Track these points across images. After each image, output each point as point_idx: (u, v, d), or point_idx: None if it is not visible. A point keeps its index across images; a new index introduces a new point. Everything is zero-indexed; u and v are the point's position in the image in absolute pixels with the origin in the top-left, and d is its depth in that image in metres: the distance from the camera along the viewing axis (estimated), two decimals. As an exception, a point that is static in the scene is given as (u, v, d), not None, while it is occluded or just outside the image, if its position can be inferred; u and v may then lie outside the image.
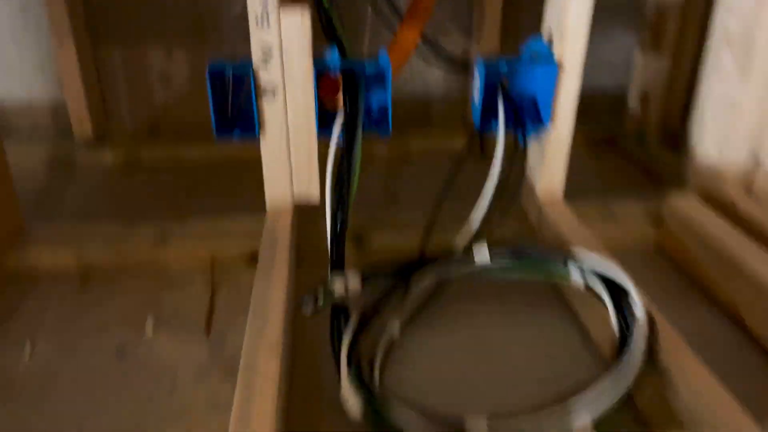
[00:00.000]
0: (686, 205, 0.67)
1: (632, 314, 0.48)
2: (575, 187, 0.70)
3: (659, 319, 0.48)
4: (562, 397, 0.44)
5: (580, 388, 0.44)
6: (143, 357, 0.55)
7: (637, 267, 0.59)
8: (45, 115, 0.97)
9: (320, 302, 0.51)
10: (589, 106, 0.85)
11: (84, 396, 0.51)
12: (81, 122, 0.93)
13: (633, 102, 0.95)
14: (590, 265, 0.53)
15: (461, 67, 0.95)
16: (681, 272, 0.65)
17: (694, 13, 0.87)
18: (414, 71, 1.01)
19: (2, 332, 0.57)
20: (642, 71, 0.93)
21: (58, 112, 0.97)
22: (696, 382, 0.42)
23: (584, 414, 0.41)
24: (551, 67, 0.63)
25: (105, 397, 0.51)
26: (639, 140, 0.94)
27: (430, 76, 1.02)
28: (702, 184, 0.73)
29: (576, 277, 0.54)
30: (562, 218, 0.65)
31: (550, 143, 0.66)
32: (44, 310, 0.60)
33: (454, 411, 0.44)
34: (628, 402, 0.46)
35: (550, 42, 0.64)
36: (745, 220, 0.65)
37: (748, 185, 0.70)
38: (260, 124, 0.62)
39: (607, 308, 0.51)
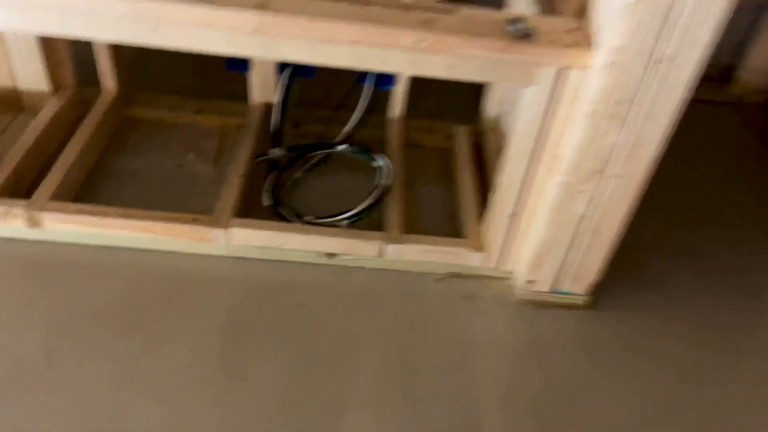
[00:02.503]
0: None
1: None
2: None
3: (397, 188, 1.17)
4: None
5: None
6: (188, 169, 1.25)
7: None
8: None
9: (264, 158, 1.21)
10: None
11: (158, 181, 1.22)
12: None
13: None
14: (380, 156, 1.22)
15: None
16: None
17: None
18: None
19: (120, 144, 1.28)
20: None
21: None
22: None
23: (344, 221, 1.13)
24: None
25: (169, 185, 1.22)
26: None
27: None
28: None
29: (376, 162, 1.23)
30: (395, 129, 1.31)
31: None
32: (146, 137, 1.30)
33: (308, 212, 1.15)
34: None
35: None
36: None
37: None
38: (250, 64, 1.26)
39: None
